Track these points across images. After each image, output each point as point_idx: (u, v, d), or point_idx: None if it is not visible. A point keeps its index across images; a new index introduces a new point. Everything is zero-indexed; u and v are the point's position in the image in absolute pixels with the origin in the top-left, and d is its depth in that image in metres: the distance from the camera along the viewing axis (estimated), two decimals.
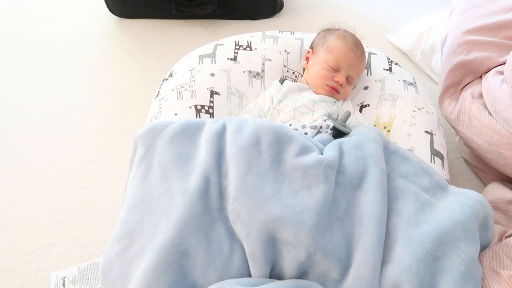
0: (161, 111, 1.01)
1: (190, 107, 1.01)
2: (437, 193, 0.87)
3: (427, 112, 1.04)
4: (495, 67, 1.11)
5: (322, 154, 0.88)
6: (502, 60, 1.11)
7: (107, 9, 1.58)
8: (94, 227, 1.00)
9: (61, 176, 1.09)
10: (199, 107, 1.01)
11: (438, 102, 1.17)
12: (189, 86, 1.04)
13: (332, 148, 0.88)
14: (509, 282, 0.73)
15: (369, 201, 0.81)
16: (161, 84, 1.10)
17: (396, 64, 1.17)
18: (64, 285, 0.90)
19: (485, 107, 1.06)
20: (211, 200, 0.81)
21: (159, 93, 1.07)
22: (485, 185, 1.13)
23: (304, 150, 0.85)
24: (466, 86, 1.15)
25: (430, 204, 0.83)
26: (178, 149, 0.87)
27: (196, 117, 0.99)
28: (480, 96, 1.09)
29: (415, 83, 1.12)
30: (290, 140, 0.85)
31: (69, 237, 0.99)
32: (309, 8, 1.69)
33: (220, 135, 0.88)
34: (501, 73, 1.08)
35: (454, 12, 1.25)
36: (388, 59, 1.17)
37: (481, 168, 1.12)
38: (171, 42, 1.52)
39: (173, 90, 1.04)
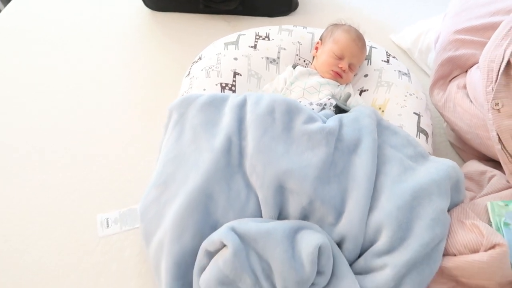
0: (191, 87, 1.21)
1: (216, 85, 1.20)
2: (419, 161, 1.04)
3: (417, 97, 1.22)
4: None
5: (325, 124, 1.06)
6: None
7: (142, 3, 1.78)
8: (132, 181, 1.20)
9: (105, 142, 1.29)
10: (223, 85, 1.20)
11: (428, 92, 1.35)
12: (215, 67, 1.23)
13: (333, 120, 1.06)
14: (470, 228, 0.90)
15: (361, 163, 0.98)
16: (191, 66, 1.29)
17: (394, 57, 1.35)
18: (107, 224, 1.10)
19: (467, 96, 1.23)
20: (232, 157, 0.99)
21: (190, 72, 1.27)
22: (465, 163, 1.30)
23: (310, 119, 1.03)
24: (453, 79, 1.32)
25: (412, 168, 1.01)
26: (206, 116, 1.06)
27: (221, 92, 1.18)
28: (464, 87, 1.26)
29: (409, 73, 1.30)
30: (299, 111, 1.04)
31: (112, 187, 1.18)
32: (321, 8, 1.87)
33: (242, 106, 1.06)
34: None
35: (447, 15, 1.42)
36: (387, 52, 1.35)
37: (463, 149, 1.30)
38: (198, 33, 1.71)
39: (202, 70, 1.24)
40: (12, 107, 1.38)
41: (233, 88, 1.20)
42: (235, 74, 1.22)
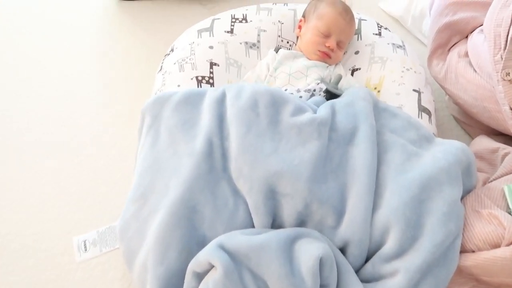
0: (165, 84, 1.08)
1: (192, 79, 1.07)
2: (423, 145, 0.94)
3: (415, 72, 1.10)
4: (480, 26, 1.15)
5: (316, 114, 0.94)
6: None
7: None
8: (109, 194, 1.09)
9: (75, 151, 1.17)
10: (200, 78, 1.08)
11: (427, 63, 1.23)
12: (189, 59, 1.11)
13: (325, 108, 0.95)
14: (488, 219, 0.80)
15: (360, 154, 0.88)
16: (163, 59, 1.17)
17: (386, 28, 1.22)
18: (85, 247, 0.99)
19: (470, 64, 1.11)
20: (215, 161, 0.89)
21: (162, 67, 1.14)
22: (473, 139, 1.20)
23: (299, 110, 0.92)
24: (453, 47, 1.20)
25: (416, 154, 0.90)
26: (183, 115, 0.95)
27: (198, 87, 1.06)
28: (466, 55, 1.14)
29: (404, 45, 1.17)
30: (286, 101, 0.92)
31: (87, 204, 1.07)
32: None
33: (221, 101, 0.95)
34: None
35: None
36: (378, 24, 1.22)
37: (469, 124, 1.19)
38: (171, 21, 1.57)
39: (174, 63, 1.11)
40: None
41: (210, 81, 1.08)
42: (211, 64, 1.10)
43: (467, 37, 1.18)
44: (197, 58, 1.11)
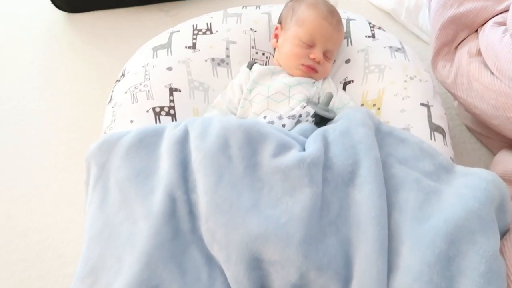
0: (115, 120, 0.88)
1: (148, 111, 0.87)
2: (442, 177, 0.75)
3: (420, 80, 0.91)
4: (492, 17, 0.97)
5: (304, 149, 0.75)
6: (499, 8, 0.97)
7: (51, 4, 1.40)
8: (60, 260, 0.88)
9: (13, 203, 0.96)
10: (157, 110, 0.87)
11: (431, 66, 1.04)
12: (143, 86, 0.90)
13: (315, 140, 0.75)
14: None
15: (364, 198, 0.69)
16: (113, 87, 0.96)
17: (379, 28, 1.02)
18: None
19: (486, 66, 0.93)
20: (180, 222, 0.70)
21: (112, 97, 0.93)
22: (493, 154, 1.01)
23: (282, 147, 0.72)
24: (461, 44, 1.01)
25: (435, 191, 0.71)
26: (136, 164, 0.75)
27: (156, 121, 0.86)
28: (478, 53, 0.96)
29: (403, 47, 0.98)
30: (264, 138, 0.73)
31: (32, 276, 0.86)
32: None
33: (183, 142, 0.75)
34: (501, 23, 0.94)
35: None
36: (370, 23, 1.02)
37: (487, 135, 1.00)
38: (129, 34, 1.35)
39: (126, 92, 0.90)
40: None
41: (171, 111, 0.87)
42: (171, 90, 0.89)
43: (476, 31, 1.00)
44: (153, 84, 0.90)
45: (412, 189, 0.71)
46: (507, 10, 0.96)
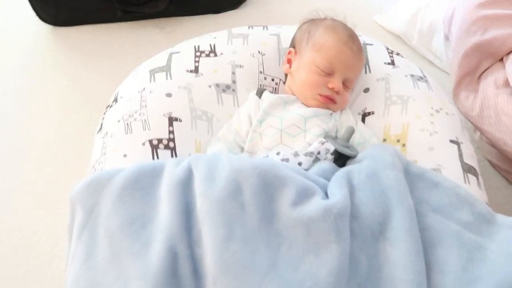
0: (105, 153, 0.77)
1: (144, 144, 0.76)
2: (483, 229, 0.66)
3: (447, 114, 0.82)
4: None
5: (326, 195, 0.65)
6: None
7: (36, 17, 1.29)
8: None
9: None
10: (155, 142, 0.76)
11: (452, 96, 0.96)
12: (139, 114, 0.79)
13: (339, 185, 0.65)
14: None
15: (399, 257, 0.60)
16: (104, 114, 0.85)
17: (398, 54, 0.94)
18: None
19: None
20: (182, 282, 0.59)
21: (102, 126, 0.82)
22: None
23: (304, 194, 0.63)
24: (484, 73, 0.94)
25: (479, 248, 0.63)
26: (130, 211, 0.64)
27: (153, 157, 0.75)
28: (506, 84, 0.89)
29: (425, 76, 0.90)
30: (283, 182, 0.63)
31: None
32: None
33: (186, 184, 0.65)
34: None
35: None
36: (388, 49, 0.94)
37: None
38: (120, 51, 1.25)
39: (119, 121, 0.79)
40: None
41: (170, 144, 0.77)
42: (171, 120, 0.79)
43: (501, 60, 0.93)
44: (150, 112, 0.79)
45: (453, 245, 0.62)
46: None
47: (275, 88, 0.90)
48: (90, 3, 1.25)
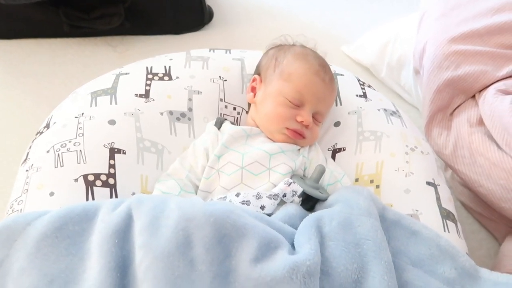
0: (27, 190, 0.63)
1: (76, 180, 0.64)
2: (466, 287, 0.58)
3: (422, 152, 0.76)
4: (492, 83, 0.87)
5: (293, 246, 0.55)
6: (500, 74, 0.87)
7: None
8: None
9: None
10: (91, 178, 0.64)
11: (424, 132, 0.91)
12: (74, 144, 0.67)
13: (308, 235, 0.56)
14: None
15: None
16: (32, 141, 0.71)
17: (369, 86, 0.88)
18: None
19: (490, 137, 0.81)
20: None
21: (28, 156, 0.69)
22: (495, 238, 0.88)
23: (266, 248, 0.53)
24: (456, 110, 0.90)
25: None
26: (49, 266, 0.53)
27: (87, 196, 0.63)
28: (480, 123, 0.84)
29: (398, 111, 0.84)
30: (242, 233, 0.53)
31: None
32: (244, 17, 1.38)
33: (123, 233, 0.54)
34: (505, 92, 0.84)
35: (428, 16, 1.00)
36: (359, 80, 0.87)
37: (489, 217, 0.87)
38: (65, 71, 1.13)
39: (48, 151, 0.67)
40: None
41: (110, 181, 0.65)
42: (113, 152, 0.67)
43: (473, 96, 0.89)
44: (87, 142, 0.67)
45: None
46: (509, 77, 0.87)
47: (237, 118, 0.81)
48: (33, 14, 1.12)
